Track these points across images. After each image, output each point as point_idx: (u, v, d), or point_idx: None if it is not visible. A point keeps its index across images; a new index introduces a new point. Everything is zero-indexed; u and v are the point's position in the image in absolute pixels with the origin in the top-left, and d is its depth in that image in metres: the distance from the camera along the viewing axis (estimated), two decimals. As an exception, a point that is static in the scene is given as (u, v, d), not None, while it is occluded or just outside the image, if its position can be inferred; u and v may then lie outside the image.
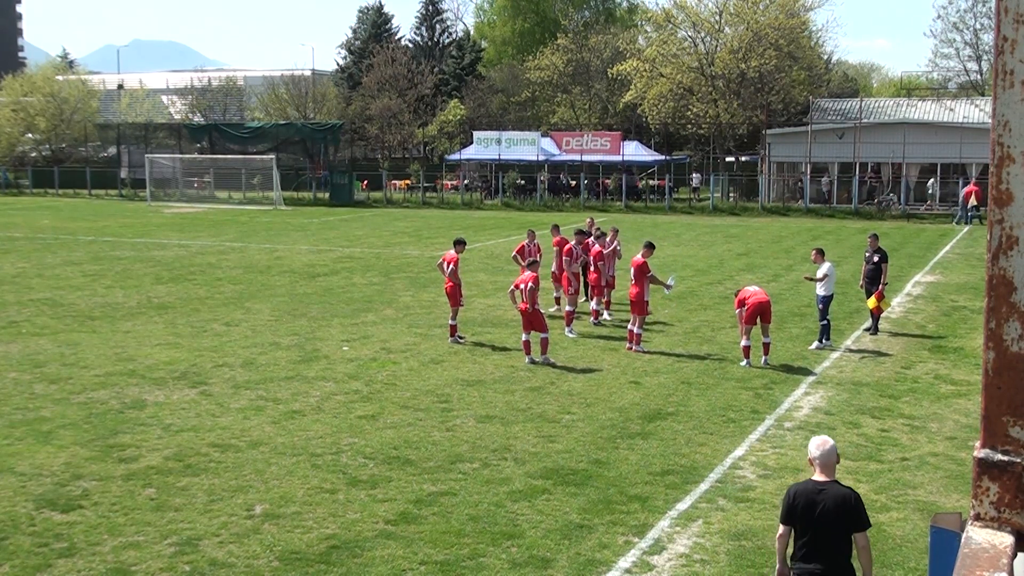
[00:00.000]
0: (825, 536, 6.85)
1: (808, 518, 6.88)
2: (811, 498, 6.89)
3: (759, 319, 16.99)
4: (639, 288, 18.16)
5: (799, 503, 6.92)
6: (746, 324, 17.08)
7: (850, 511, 6.82)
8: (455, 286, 19.01)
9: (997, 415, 2.19)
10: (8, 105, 72.98)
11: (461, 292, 19.38)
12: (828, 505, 6.83)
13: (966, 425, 13.52)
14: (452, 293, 19.05)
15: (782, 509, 7.13)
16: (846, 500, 6.84)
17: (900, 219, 48.02)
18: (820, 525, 6.84)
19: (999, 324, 2.16)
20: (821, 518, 6.83)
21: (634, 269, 18.38)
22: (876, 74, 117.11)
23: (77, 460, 11.91)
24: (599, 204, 56.23)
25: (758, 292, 17.32)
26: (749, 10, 57.92)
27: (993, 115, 2.15)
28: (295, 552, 9.39)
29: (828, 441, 7.17)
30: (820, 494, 6.88)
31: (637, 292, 18.18)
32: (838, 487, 6.94)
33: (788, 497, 7.05)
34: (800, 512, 6.91)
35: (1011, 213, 2.14)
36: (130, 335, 19.49)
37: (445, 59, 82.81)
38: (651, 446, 12.65)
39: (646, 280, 18.17)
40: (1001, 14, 2.09)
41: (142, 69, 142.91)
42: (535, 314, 17.14)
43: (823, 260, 18.61)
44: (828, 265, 18.56)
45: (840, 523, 6.82)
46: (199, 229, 43.28)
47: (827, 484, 6.94)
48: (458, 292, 19.14)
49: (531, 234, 22.04)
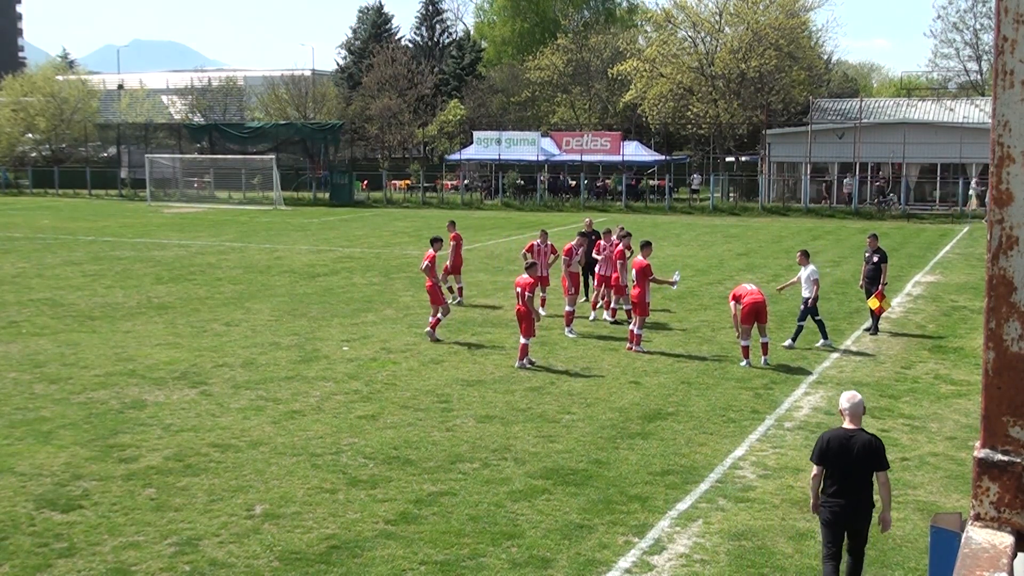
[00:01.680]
0: (853, 475, 8.07)
1: (839, 459, 8.07)
2: (842, 442, 8.10)
3: (756, 319, 16.99)
4: (641, 289, 18.17)
5: (832, 447, 8.12)
6: (744, 325, 17.08)
7: (874, 453, 8.07)
8: (435, 284, 19.20)
9: (997, 415, 2.19)
10: (8, 105, 72.96)
11: (441, 291, 19.51)
12: (856, 448, 8.05)
13: (966, 425, 13.52)
14: (432, 292, 19.20)
15: (815, 452, 8.28)
16: (871, 444, 8.08)
17: (900, 219, 48.02)
18: (849, 465, 8.05)
19: (999, 324, 2.16)
20: (850, 459, 8.04)
21: (636, 271, 18.39)
22: (876, 74, 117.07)
23: (77, 460, 11.91)
24: (599, 204, 56.25)
25: (754, 292, 17.27)
26: (749, 10, 57.91)
27: (993, 115, 2.15)
28: (295, 552, 9.39)
29: (857, 395, 8.41)
30: (850, 440, 8.10)
31: (639, 293, 18.19)
32: (864, 434, 8.19)
33: (821, 441, 8.24)
34: (832, 454, 8.10)
35: (1011, 213, 2.14)
36: (130, 335, 19.49)
37: (445, 59, 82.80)
38: (651, 446, 12.65)
39: (647, 281, 18.17)
40: (1001, 14, 2.09)
41: (142, 69, 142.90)
42: (527, 317, 17.04)
43: (808, 263, 18.54)
44: (812, 268, 18.57)
45: (866, 464, 8.05)
46: (199, 229, 43.28)
47: (855, 431, 8.17)
48: (438, 290, 19.29)
49: (544, 234, 22.37)
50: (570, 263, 20.69)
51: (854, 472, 8.06)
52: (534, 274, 17.51)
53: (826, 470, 8.15)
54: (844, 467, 8.06)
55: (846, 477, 8.07)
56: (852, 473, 8.06)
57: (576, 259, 20.92)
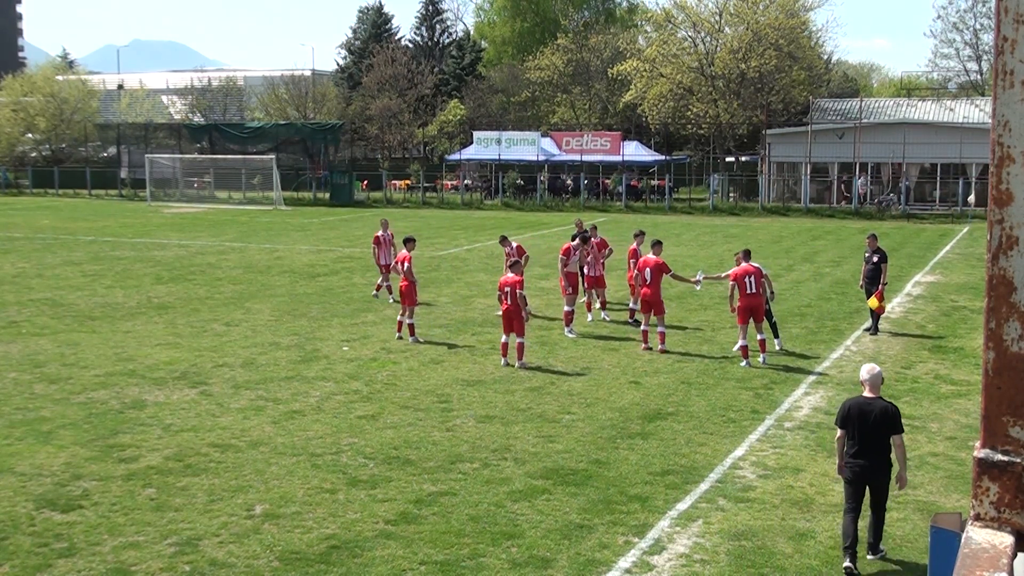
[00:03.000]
0: (872, 438, 9.09)
1: (860, 424, 9.10)
2: (863, 409, 9.16)
3: (752, 318, 16.96)
4: (656, 288, 18.03)
5: (852, 412, 9.18)
6: (741, 324, 17.05)
7: (890, 419, 9.09)
8: (410, 284, 19.12)
9: (997, 415, 2.19)
10: (8, 105, 72.94)
11: (416, 291, 19.46)
12: (875, 414, 9.09)
13: (966, 425, 13.52)
14: (407, 292, 19.06)
15: (838, 416, 9.36)
16: (888, 411, 9.15)
17: (900, 219, 48.02)
18: (868, 429, 9.08)
19: (999, 324, 2.16)
20: (869, 424, 9.08)
21: (651, 269, 18.13)
22: (876, 74, 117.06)
23: (77, 460, 11.91)
24: (599, 204, 56.25)
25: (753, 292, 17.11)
26: (749, 10, 57.91)
27: (993, 115, 2.15)
28: (295, 552, 9.39)
29: (876, 367, 9.53)
30: (869, 406, 9.16)
31: (654, 292, 18.03)
32: (882, 401, 9.25)
33: (844, 408, 9.32)
34: (853, 419, 9.14)
35: (1011, 213, 2.14)
36: (130, 335, 19.49)
37: (445, 59, 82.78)
38: (651, 446, 12.65)
39: (661, 279, 18.01)
40: (1001, 14, 2.09)
41: (142, 69, 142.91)
42: (517, 316, 16.93)
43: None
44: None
45: (883, 428, 9.08)
46: (199, 229, 43.28)
47: (874, 399, 9.26)
48: (413, 291, 19.20)
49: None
50: (567, 263, 20.65)
51: (873, 435, 9.09)
52: (518, 272, 17.36)
53: (848, 433, 9.19)
54: (864, 431, 9.10)
55: (865, 440, 9.10)
56: (871, 436, 9.09)
57: (574, 259, 20.87)
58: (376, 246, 23.89)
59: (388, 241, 23.89)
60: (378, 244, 23.84)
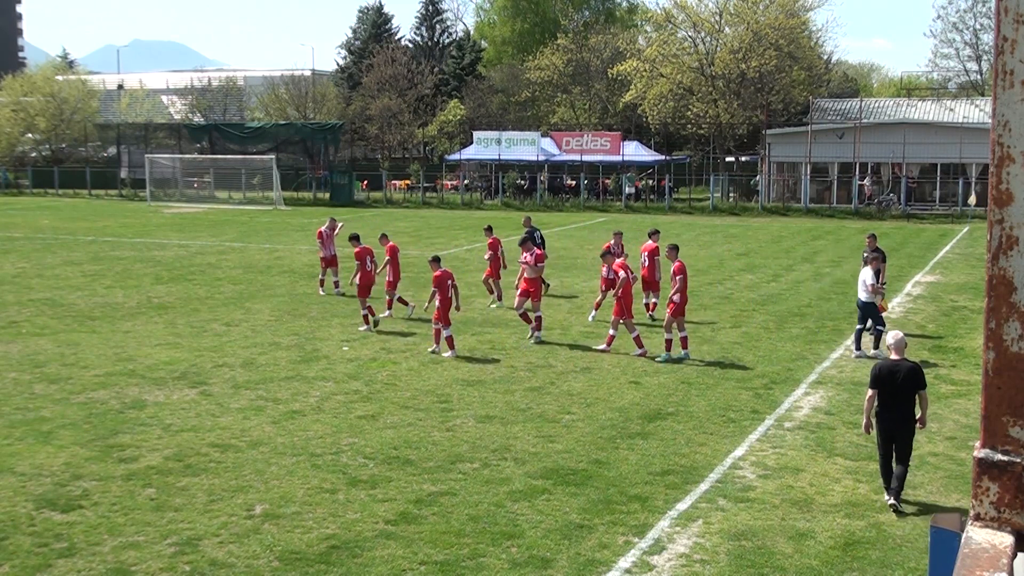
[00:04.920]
0: (899, 394, 10.57)
1: (890, 383, 10.57)
2: (891, 369, 10.64)
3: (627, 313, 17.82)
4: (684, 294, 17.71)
5: (883, 373, 10.63)
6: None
7: (916, 376, 10.63)
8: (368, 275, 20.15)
9: (997, 415, 2.19)
10: (8, 105, 72.92)
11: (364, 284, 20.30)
12: (903, 373, 10.58)
13: (966, 425, 13.52)
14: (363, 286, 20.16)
15: (871, 378, 10.76)
16: (913, 370, 10.65)
17: (900, 219, 48.01)
18: (896, 387, 10.54)
19: (999, 324, 2.16)
20: (897, 382, 10.55)
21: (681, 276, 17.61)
22: (876, 74, 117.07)
23: (77, 460, 11.91)
24: (599, 204, 56.24)
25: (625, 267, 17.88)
26: (749, 10, 57.90)
27: (993, 115, 2.15)
28: (295, 552, 9.39)
29: (899, 334, 11.23)
30: (897, 367, 10.64)
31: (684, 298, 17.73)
32: (908, 362, 10.80)
33: (875, 369, 10.78)
34: (883, 378, 10.59)
35: (1011, 213, 2.14)
36: (130, 335, 19.49)
37: (445, 59, 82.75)
38: (651, 446, 12.65)
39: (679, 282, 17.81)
40: (1001, 14, 2.09)
41: (142, 69, 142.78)
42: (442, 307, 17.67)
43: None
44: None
45: (910, 384, 10.58)
46: (199, 229, 43.27)
47: (900, 361, 10.76)
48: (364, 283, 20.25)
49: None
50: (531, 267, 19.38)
51: (900, 392, 10.55)
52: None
53: (879, 391, 10.57)
54: (892, 388, 10.55)
55: (894, 396, 10.55)
56: (899, 392, 10.55)
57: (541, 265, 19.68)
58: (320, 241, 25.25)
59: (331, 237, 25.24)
60: (322, 239, 25.18)
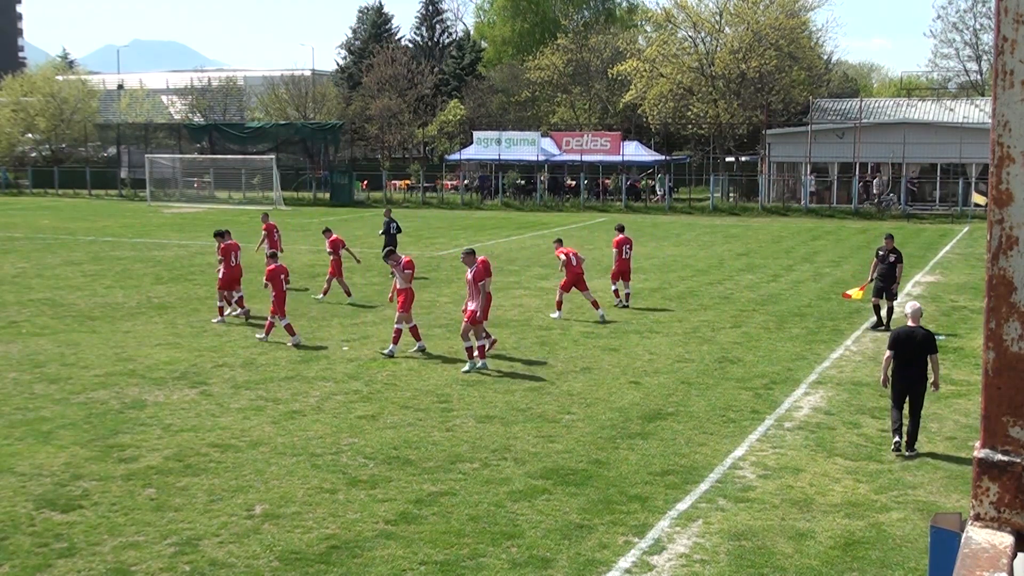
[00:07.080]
0: (913, 357, 12.12)
1: (906, 345, 12.12)
2: (908, 334, 12.20)
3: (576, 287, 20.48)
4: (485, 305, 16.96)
5: (900, 336, 12.22)
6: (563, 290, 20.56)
7: (929, 341, 12.19)
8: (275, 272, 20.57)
9: (997, 415, 2.19)
10: (8, 105, 72.89)
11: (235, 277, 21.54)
12: (917, 338, 12.14)
13: (966, 425, 13.52)
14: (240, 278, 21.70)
15: (889, 340, 12.42)
16: (927, 336, 12.21)
17: (900, 219, 48.01)
18: (910, 349, 12.10)
19: (999, 324, 2.16)
20: (912, 346, 12.10)
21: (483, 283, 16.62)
22: (876, 74, 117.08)
23: (77, 460, 11.91)
24: (599, 204, 56.22)
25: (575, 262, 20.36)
26: (749, 10, 57.90)
27: (993, 115, 2.15)
28: (295, 552, 9.39)
29: (916, 304, 12.75)
30: (913, 332, 12.19)
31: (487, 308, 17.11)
32: (922, 329, 12.28)
33: (893, 334, 12.44)
34: (900, 341, 12.14)
35: (1011, 213, 2.14)
36: (130, 335, 19.49)
37: (445, 59, 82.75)
38: (651, 446, 12.65)
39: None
40: (1001, 14, 2.09)
41: (142, 69, 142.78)
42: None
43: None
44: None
45: (923, 348, 12.14)
46: (199, 229, 43.25)
47: (915, 327, 12.26)
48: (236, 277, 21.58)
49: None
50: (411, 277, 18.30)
51: (915, 354, 12.08)
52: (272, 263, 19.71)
53: (895, 353, 12.07)
54: (907, 351, 12.08)
55: (911, 357, 12.08)
56: (914, 354, 12.08)
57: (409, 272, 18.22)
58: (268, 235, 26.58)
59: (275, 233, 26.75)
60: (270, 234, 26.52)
